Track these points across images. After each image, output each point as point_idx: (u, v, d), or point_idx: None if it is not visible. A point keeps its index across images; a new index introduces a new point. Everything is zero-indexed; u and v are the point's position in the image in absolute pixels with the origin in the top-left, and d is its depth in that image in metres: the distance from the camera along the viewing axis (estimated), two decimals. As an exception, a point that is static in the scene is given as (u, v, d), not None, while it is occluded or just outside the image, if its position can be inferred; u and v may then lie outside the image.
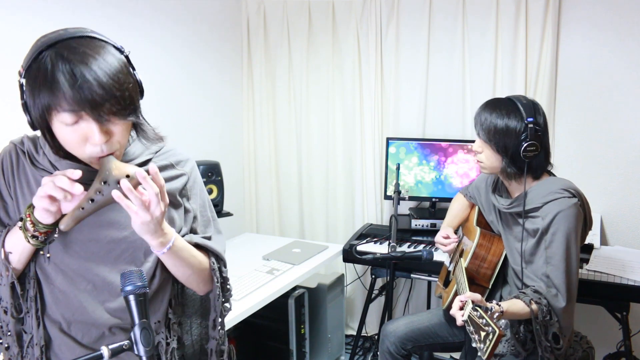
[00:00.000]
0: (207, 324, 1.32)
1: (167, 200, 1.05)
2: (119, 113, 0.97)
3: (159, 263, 1.17)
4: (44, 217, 1.00)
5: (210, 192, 2.67)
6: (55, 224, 1.02)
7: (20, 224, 1.05)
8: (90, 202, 0.97)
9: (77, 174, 0.97)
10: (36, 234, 1.03)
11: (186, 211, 1.23)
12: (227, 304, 1.29)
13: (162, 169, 1.18)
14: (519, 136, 1.66)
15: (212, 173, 2.65)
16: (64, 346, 1.14)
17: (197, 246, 1.21)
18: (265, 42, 3.24)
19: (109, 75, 0.94)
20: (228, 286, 1.29)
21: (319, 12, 3.09)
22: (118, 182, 0.97)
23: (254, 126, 3.36)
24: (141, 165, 1.14)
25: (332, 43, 3.09)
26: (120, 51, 1.02)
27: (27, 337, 1.14)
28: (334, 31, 3.08)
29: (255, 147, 3.39)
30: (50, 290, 1.12)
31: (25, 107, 0.97)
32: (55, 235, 1.07)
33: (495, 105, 1.72)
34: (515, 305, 1.56)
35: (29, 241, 1.04)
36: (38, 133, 1.03)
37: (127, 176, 0.98)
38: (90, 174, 1.03)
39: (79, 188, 0.96)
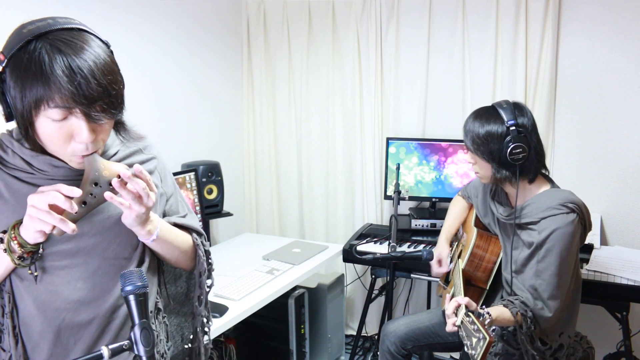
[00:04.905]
0: (189, 325, 1.36)
1: (156, 190, 1.04)
2: (109, 111, 0.94)
3: (145, 251, 1.16)
4: (37, 237, 0.94)
5: (210, 192, 2.67)
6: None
7: (3, 246, 0.97)
8: (82, 205, 0.94)
9: (77, 192, 0.92)
10: (24, 254, 0.97)
11: (161, 194, 1.22)
12: (209, 280, 1.30)
13: (132, 154, 1.17)
14: (502, 140, 1.66)
15: (212, 173, 2.65)
16: (54, 358, 1.07)
17: (176, 226, 1.22)
18: (265, 42, 3.24)
19: (104, 73, 0.92)
20: (210, 260, 1.30)
21: (319, 12, 3.09)
22: (109, 183, 0.96)
23: (254, 126, 3.36)
24: (114, 155, 1.12)
25: (332, 43, 3.09)
26: (107, 45, 0.99)
27: (6, 356, 1.05)
28: (334, 31, 3.08)
29: (255, 147, 3.38)
30: (34, 298, 1.04)
31: (3, 97, 0.92)
32: (41, 251, 1.01)
33: (477, 115, 1.74)
34: (503, 314, 1.60)
35: (15, 262, 0.97)
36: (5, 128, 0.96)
37: (118, 176, 0.96)
38: (69, 171, 1.02)
39: (75, 209, 0.92)
